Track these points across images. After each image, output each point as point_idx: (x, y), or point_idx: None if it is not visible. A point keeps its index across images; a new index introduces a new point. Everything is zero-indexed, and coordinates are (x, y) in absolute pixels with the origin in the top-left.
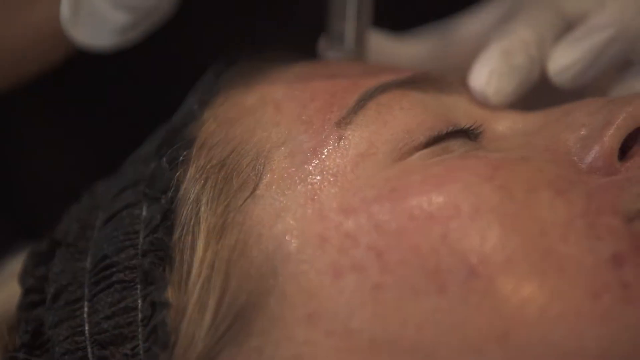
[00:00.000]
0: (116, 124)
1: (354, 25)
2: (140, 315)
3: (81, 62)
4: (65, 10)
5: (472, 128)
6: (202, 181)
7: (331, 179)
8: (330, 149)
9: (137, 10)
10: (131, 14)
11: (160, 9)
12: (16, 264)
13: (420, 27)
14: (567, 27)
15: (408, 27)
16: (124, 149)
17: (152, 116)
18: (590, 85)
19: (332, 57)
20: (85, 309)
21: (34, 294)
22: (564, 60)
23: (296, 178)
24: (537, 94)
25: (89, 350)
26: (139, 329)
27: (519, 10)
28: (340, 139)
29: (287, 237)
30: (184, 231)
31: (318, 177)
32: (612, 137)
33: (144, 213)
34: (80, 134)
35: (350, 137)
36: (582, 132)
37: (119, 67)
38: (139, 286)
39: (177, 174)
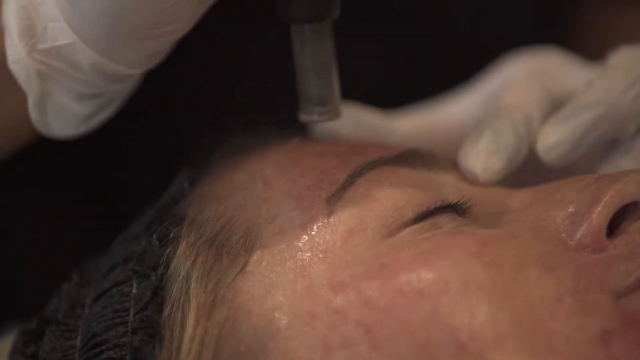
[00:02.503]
0: (106, 204)
1: (315, 85)
2: None
3: (71, 141)
4: (32, 110)
5: (460, 203)
6: (192, 258)
7: (321, 256)
8: (319, 225)
9: (100, 98)
10: (95, 103)
11: (123, 92)
12: (6, 343)
13: (409, 106)
14: (555, 105)
15: (397, 105)
16: (113, 228)
17: (142, 195)
18: (579, 163)
19: (303, 120)
20: None
21: None
22: (552, 138)
23: (286, 254)
24: (527, 170)
25: None
26: None
27: (507, 90)
28: (330, 215)
29: (276, 314)
30: (174, 308)
31: (308, 254)
32: (600, 214)
33: (134, 290)
34: (70, 213)
35: (339, 213)
36: (570, 210)
37: (109, 146)
38: None
39: (167, 250)
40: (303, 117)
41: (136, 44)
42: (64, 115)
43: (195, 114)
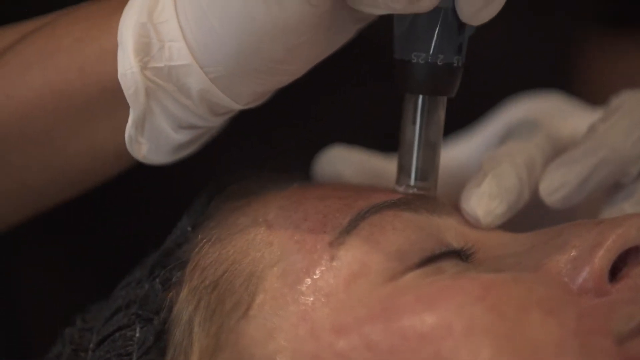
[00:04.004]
0: (109, 248)
1: (419, 159)
2: None
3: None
4: (130, 130)
5: (464, 249)
6: (195, 302)
7: (323, 299)
8: (322, 269)
9: (195, 130)
10: (189, 133)
11: (213, 128)
12: None
13: None
14: (557, 149)
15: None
16: (116, 272)
17: (146, 239)
18: (581, 206)
19: (399, 191)
20: None
21: None
22: (555, 181)
23: (289, 298)
24: (529, 212)
25: None
26: None
27: (509, 134)
28: (332, 259)
29: (279, 358)
30: (177, 352)
31: (310, 297)
32: (602, 258)
33: (137, 334)
34: (74, 259)
35: (342, 257)
36: (572, 254)
37: (116, 192)
38: None
39: (170, 294)
40: (399, 189)
41: (252, 76)
42: (158, 140)
43: (198, 159)
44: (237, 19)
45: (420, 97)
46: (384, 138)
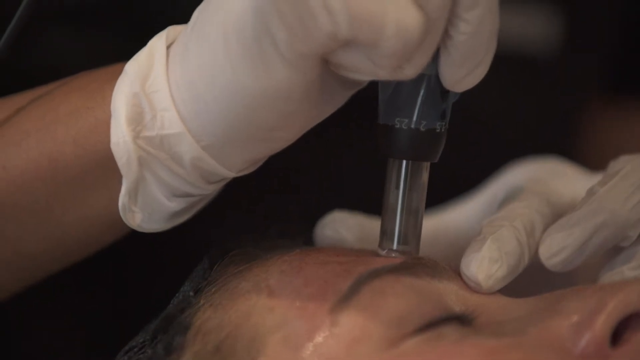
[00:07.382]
0: (112, 313)
1: (402, 223)
2: None
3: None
4: (124, 199)
5: (465, 314)
6: None
7: None
8: (324, 335)
9: (189, 198)
10: (183, 202)
11: (208, 196)
12: None
13: None
14: (557, 213)
15: None
16: (120, 338)
17: (149, 305)
18: (581, 269)
19: (383, 255)
20: None
21: None
22: (555, 245)
23: None
24: (529, 276)
25: None
26: None
27: (509, 198)
28: (334, 324)
29: None
30: None
31: None
32: (603, 323)
33: None
34: (77, 323)
35: (343, 323)
36: (574, 319)
37: (118, 258)
38: None
39: (173, 359)
40: (382, 253)
41: (244, 144)
42: (152, 208)
43: (200, 225)
44: (226, 89)
45: (404, 162)
46: None
